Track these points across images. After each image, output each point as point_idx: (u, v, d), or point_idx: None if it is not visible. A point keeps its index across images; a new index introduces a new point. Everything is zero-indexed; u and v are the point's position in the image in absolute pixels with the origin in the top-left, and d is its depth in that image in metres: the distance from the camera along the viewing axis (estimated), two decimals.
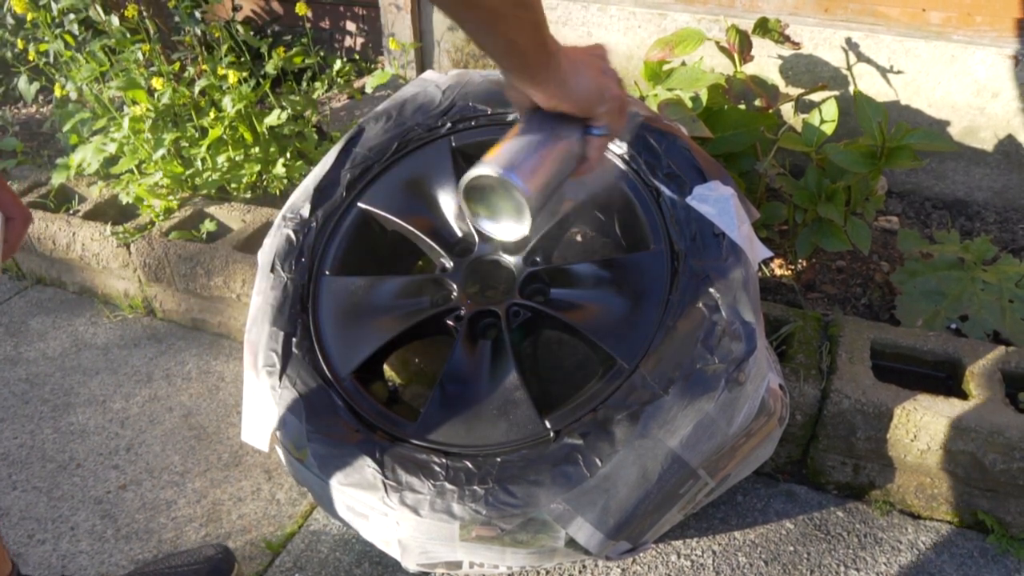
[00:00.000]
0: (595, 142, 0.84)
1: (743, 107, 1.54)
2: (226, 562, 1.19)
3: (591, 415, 1.00)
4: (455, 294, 1.22)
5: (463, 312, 1.18)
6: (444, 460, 1.02)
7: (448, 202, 1.30)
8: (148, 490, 1.39)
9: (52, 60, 2.13)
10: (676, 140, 1.14)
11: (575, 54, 0.79)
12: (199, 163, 1.89)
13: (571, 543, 0.97)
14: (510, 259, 1.23)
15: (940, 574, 1.18)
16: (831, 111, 1.52)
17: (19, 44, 2.11)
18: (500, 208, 0.82)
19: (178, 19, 2.03)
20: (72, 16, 2.08)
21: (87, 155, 1.88)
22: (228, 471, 1.42)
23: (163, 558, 1.21)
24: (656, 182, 1.12)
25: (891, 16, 1.76)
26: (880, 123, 1.44)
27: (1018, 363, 1.26)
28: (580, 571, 1.21)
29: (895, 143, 1.43)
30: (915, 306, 1.46)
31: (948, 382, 1.31)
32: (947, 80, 1.76)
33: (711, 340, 0.98)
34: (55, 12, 2.04)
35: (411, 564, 1.05)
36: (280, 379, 1.13)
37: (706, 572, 1.20)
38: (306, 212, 1.28)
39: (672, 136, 1.15)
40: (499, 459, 1.00)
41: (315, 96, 2.43)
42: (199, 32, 2.05)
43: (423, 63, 2.35)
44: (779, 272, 1.65)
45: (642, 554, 1.22)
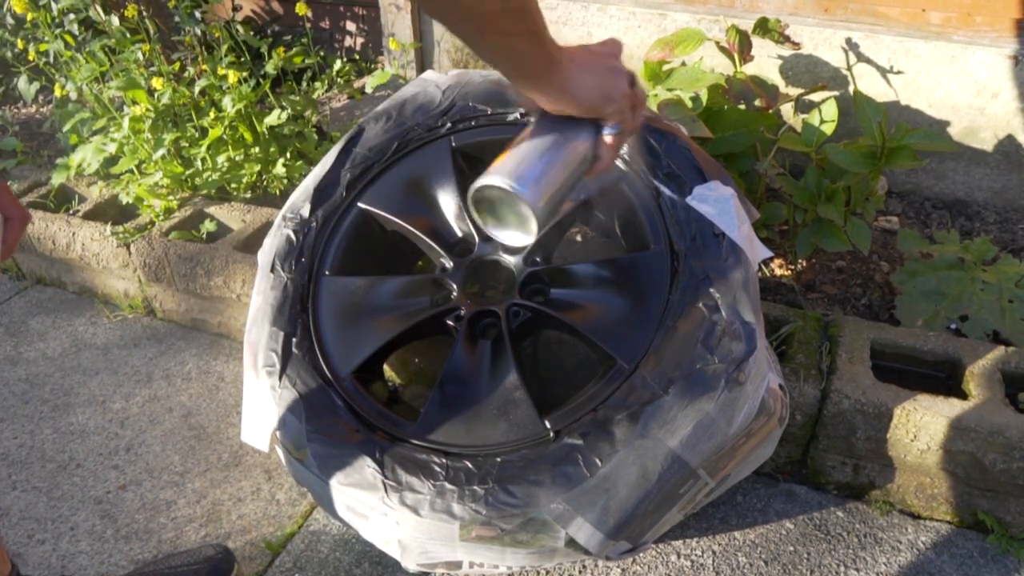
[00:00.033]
0: (607, 141, 0.82)
1: (743, 107, 1.54)
2: (226, 562, 1.19)
3: (591, 415, 1.00)
4: (455, 294, 1.22)
5: (463, 312, 1.18)
6: (444, 460, 1.02)
7: (448, 202, 1.30)
8: (148, 490, 1.39)
9: (52, 60, 2.13)
10: (676, 140, 1.14)
11: (581, 56, 0.78)
12: (199, 163, 1.89)
13: (571, 543, 0.97)
14: (510, 259, 1.23)
15: (940, 574, 1.18)
16: (831, 111, 1.52)
17: (19, 44, 2.11)
18: (508, 215, 0.82)
19: (178, 19, 2.03)
20: (72, 16, 2.08)
21: (87, 155, 1.88)
22: (228, 471, 1.42)
23: (163, 558, 1.21)
24: (656, 182, 1.12)
25: (891, 16, 1.76)
26: (880, 123, 1.44)
27: (1018, 363, 1.26)
28: (580, 571, 1.21)
29: (895, 143, 1.43)
30: (915, 306, 1.46)
31: (948, 382, 1.31)
32: (947, 80, 1.76)
33: (711, 340, 0.98)
34: (55, 12, 2.04)
35: (411, 564, 1.05)
36: (280, 379, 1.13)
37: (706, 572, 1.20)
38: (306, 212, 1.28)
39: (672, 136, 1.15)
40: (499, 459, 1.00)
41: (315, 96, 2.43)
42: (199, 32, 2.05)
43: (423, 63, 2.35)
44: (779, 272, 1.65)
45: (642, 554, 1.22)
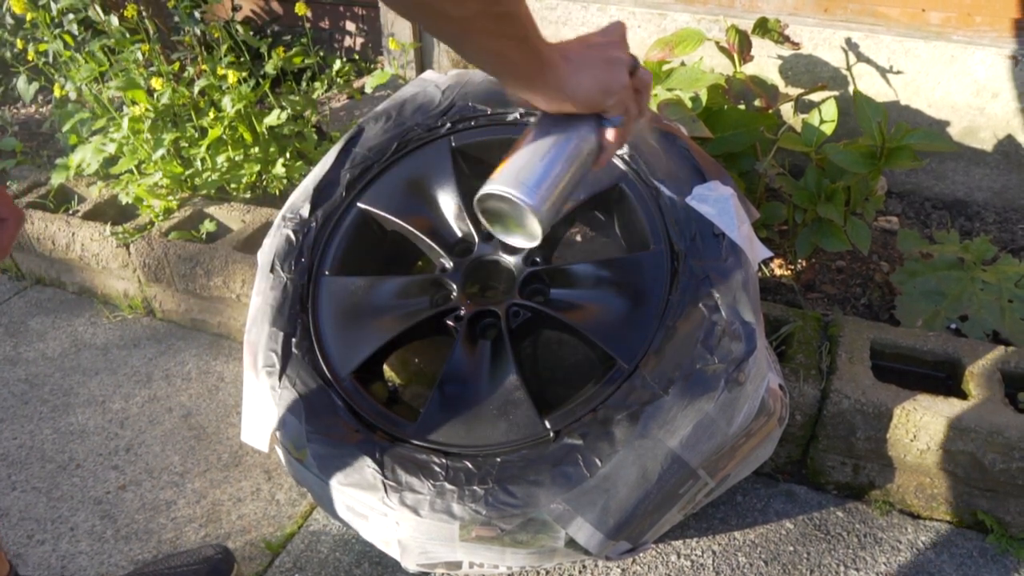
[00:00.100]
0: (610, 133, 0.81)
1: (743, 107, 1.54)
2: (225, 562, 1.19)
3: (591, 415, 1.00)
4: (455, 294, 1.22)
5: (463, 312, 1.18)
6: (444, 460, 1.02)
7: (448, 202, 1.29)
8: (148, 490, 1.39)
9: (51, 60, 2.13)
10: (676, 140, 1.14)
11: (576, 51, 0.76)
12: (199, 163, 1.89)
13: (571, 543, 0.97)
14: (510, 259, 1.23)
15: (940, 574, 1.18)
16: (831, 111, 1.52)
17: (18, 44, 2.11)
18: (513, 220, 0.82)
19: (178, 19, 2.03)
20: (71, 16, 2.08)
21: (86, 155, 1.88)
22: (228, 471, 1.42)
23: (163, 558, 1.21)
24: (656, 182, 1.12)
25: (891, 16, 1.76)
26: (880, 123, 1.44)
27: (1018, 363, 1.26)
28: (580, 571, 1.21)
29: (895, 143, 1.43)
30: (915, 306, 1.46)
31: (948, 382, 1.31)
32: (947, 80, 1.76)
33: (711, 340, 0.98)
34: (54, 12, 2.04)
35: (411, 564, 1.05)
36: (280, 379, 1.13)
37: (706, 572, 1.20)
38: (306, 212, 1.28)
39: (672, 136, 1.15)
40: (499, 459, 1.00)
41: (315, 96, 2.43)
42: (199, 32, 2.05)
43: (423, 63, 2.35)
44: (779, 272, 1.65)
45: (642, 554, 1.22)
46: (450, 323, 1.19)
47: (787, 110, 1.88)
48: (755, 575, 1.19)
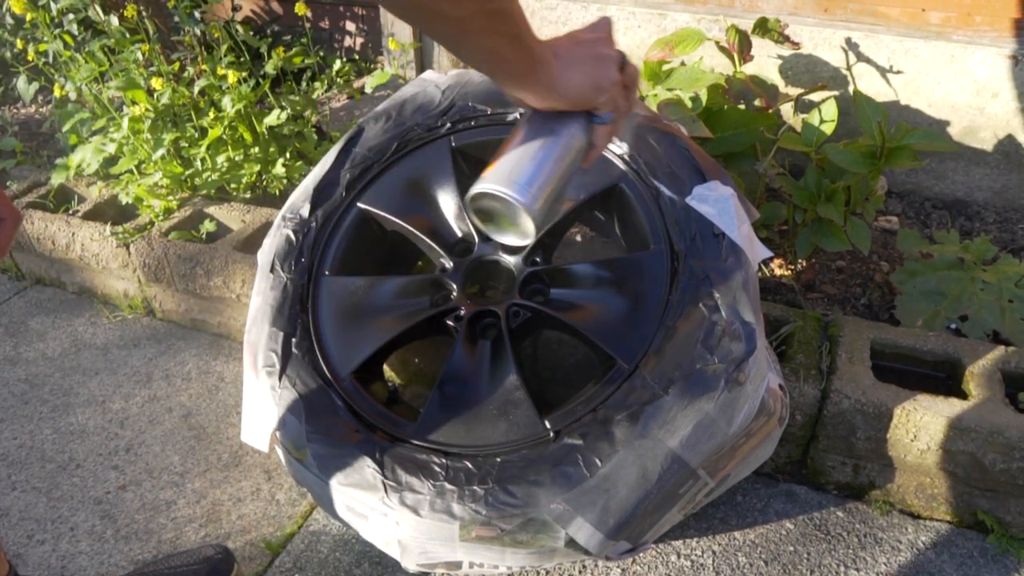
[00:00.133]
0: (600, 130, 0.81)
1: (743, 107, 1.54)
2: (225, 562, 1.19)
3: (591, 415, 1.00)
4: (455, 294, 1.22)
5: (463, 312, 1.18)
6: (444, 460, 1.02)
7: (448, 202, 1.29)
8: (148, 490, 1.39)
9: (51, 60, 2.13)
10: (676, 140, 1.14)
11: (567, 48, 0.75)
12: (199, 163, 1.89)
13: (571, 543, 0.97)
14: (510, 259, 1.23)
15: (940, 574, 1.18)
16: (831, 111, 1.52)
17: (18, 44, 2.10)
18: (505, 219, 0.82)
19: (177, 19, 2.03)
20: (71, 16, 2.08)
21: (86, 155, 1.88)
22: (228, 471, 1.42)
23: (163, 558, 1.21)
24: (656, 182, 1.12)
25: (891, 16, 1.76)
26: (880, 123, 1.44)
27: (1018, 363, 1.26)
28: (580, 571, 1.21)
29: (895, 143, 1.43)
30: (915, 306, 1.46)
31: (948, 382, 1.31)
32: (947, 80, 1.76)
33: (711, 340, 0.98)
34: (54, 12, 2.04)
35: (411, 564, 1.05)
36: (280, 379, 1.13)
37: (706, 572, 1.20)
38: (306, 212, 1.28)
39: (672, 136, 1.15)
40: (499, 459, 1.00)
41: (315, 96, 2.43)
42: (198, 32, 2.05)
43: (423, 63, 2.35)
44: (779, 272, 1.65)
45: (642, 554, 1.22)
46: (450, 323, 1.19)
47: (787, 110, 1.88)
48: (755, 575, 1.19)
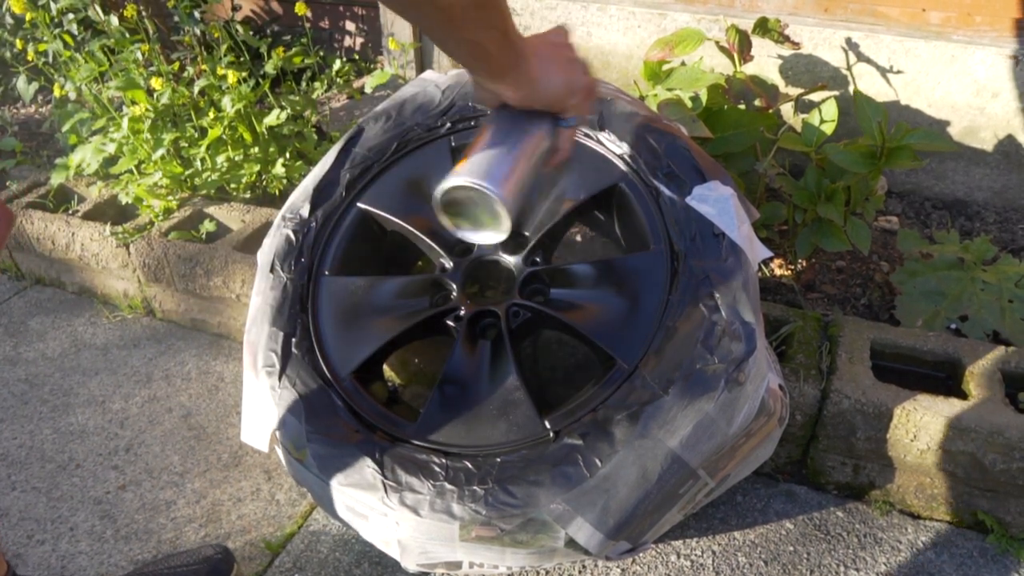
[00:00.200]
0: (566, 133, 0.83)
1: (743, 107, 1.54)
2: (225, 562, 1.19)
3: (591, 415, 1.00)
4: (455, 294, 1.22)
5: (463, 312, 1.18)
6: (444, 460, 1.02)
7: None
8: (147, 490, 1.39)
9: (51, 60, 2.13)
10: (676, 140, 1.14)
11: (543, 48, 0.78)
12: (198, 163, 1.89)
13: (571, 543, 0.97)
14: (510, 259, 1.23)
15: (940, 574, 1.18)
16: (831, 111, 1.52)
17: (18, 44, 2.10)
18: (478, 215, 0.82)
19: (177, 19, 2.03)
20: (71, 16, 2.08)
21: (86, 155, 1.88)
22: (228, 471, 1.42)
23: (162, 558, 1.21)
24: (656, 182, 1.12)
25: (891, 16, 1.76)
26: (880, 123, 1.44)
27: (1018, 363, 1.26)
28: (580, 571, 1.21)
29: (895, 143, 1.43)
30: (915, 306, 1.46)
31: (948, 382, 1.31)
32: (947, 80, 1.76)
33: (711, 340, 0.98)
34: (54, 12, 2.04)
35: (411, 564, 1.05)
36: (280, 379, 1.13)
37: (706, 572, 1.20)
38: (306, 212, 1.28)
39: (672, 136, 1.15)
40: (499, 459, 1.00)
41: (314, 96, 2.43)
42: (198, 32, 2.05)
43: (423, 63, 2.35)
44: (779, 272, 1.65)
45: (642, 554, 1.22)
46: (450, 323, 1.19)
47: (787, 110, 1.88)
48: (755, 575, 1.19)
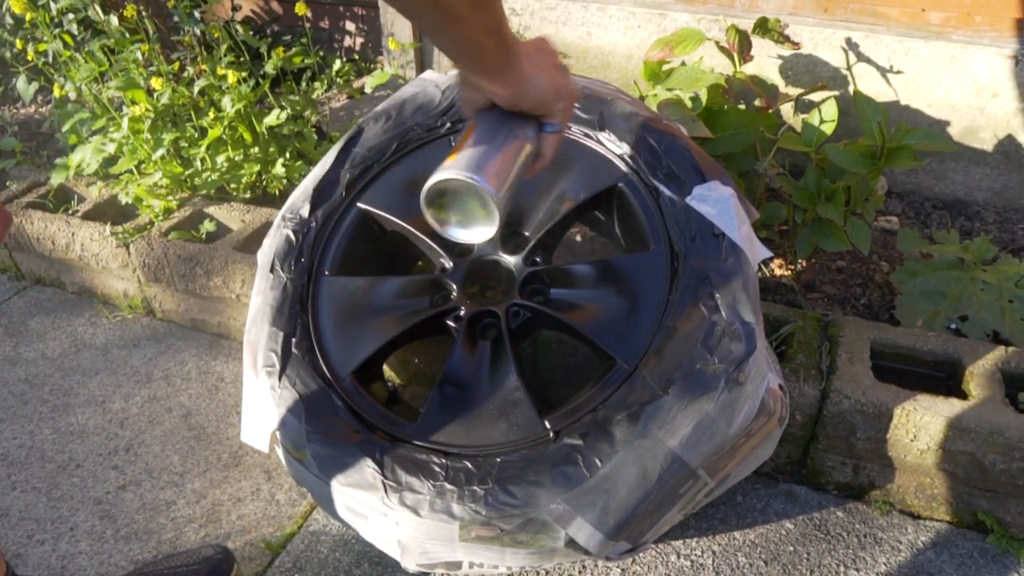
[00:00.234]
0: (549, 139, 0.84)
1: (743, 107, 1.54)
2: (225, 563, 1.19)
3: (591, 415, 1.00)
4: (455, 294, 1.22)
5: (463, 312, 1.18)
6: (444, 460, 1.02)
7: None
8: (147, 490, 1.39)
9: (51, 60, 2.13)
10: (676, 140, 1.14)
11: (533, 52, 0.79)
12: (198, 163, 1.89)
13: (571, 543, 0.97)
14: (510, 259, 1.23)
15: (940, 574, 1.18)
16: (831, 111, 1.52)
17: (18, 44, 2.10)
18: (466, 211, 0.82)
19: (177, 19, 2.03)
20: (71, 16, 2.08)
21: (86, 155, 1.88)
22: (228, 471, 1.42)
23: (162, 559, 1.21)
24: (656, 182, 1.12)
25: (891, 16, 1.76)
26: (880, 123, 1.44)
27: (1018, 363, 1.26)
28: (580, 571, 1.21)
29: (895, 143, 1.43)
30: (915, 306, 1.46)
31: (948, 382, 1.31)
32: (947, 80, 1.76)
33: (711, 340, 0.98)
34: (54, 12, 2.04)
35: (411, 564, 1.05)
36: (280, 379, 1.13)
37: (706, 572, 1.20)
38: (306, 212, 1.28)
39: (672, 136, 1.15)
40: (499, 459, 1.00)
41: (314, 96, 2.42)
42: (198, 32, 2.05)
43: (423, 63, 2.35)
44: (779, 272, 1.65)
45: (642, 554, 1.22)
46: (450, 323, 1.19)
47: (787, 110, 1.88)
48: (755, 575, 1.19)
